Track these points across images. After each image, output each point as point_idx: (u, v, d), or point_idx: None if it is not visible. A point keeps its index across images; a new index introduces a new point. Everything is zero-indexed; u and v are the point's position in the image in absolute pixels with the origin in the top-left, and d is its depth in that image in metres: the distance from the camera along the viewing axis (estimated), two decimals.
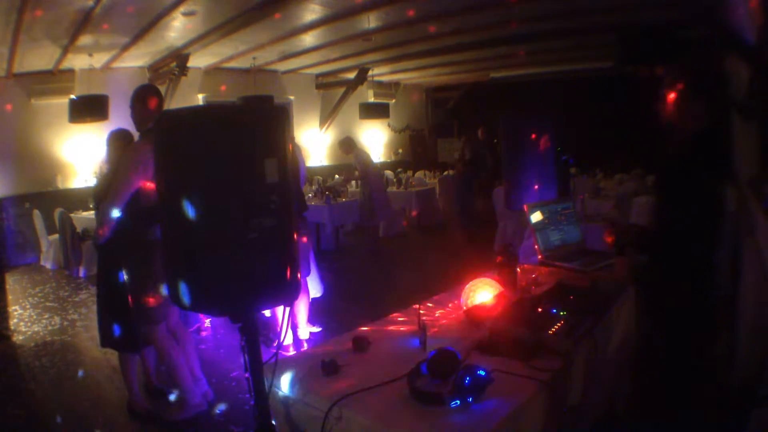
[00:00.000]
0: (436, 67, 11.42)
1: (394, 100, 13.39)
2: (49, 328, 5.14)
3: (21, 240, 8.22)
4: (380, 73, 11.65)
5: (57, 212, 7.49)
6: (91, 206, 7.25)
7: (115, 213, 2.91)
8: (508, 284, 2.33)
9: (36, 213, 7.79)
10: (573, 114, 8.49)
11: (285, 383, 1.69)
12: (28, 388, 3.86)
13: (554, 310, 1.99)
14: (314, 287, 4.68)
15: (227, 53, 8.81)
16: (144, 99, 3.05)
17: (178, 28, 6.86)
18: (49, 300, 6.12)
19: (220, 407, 3.35)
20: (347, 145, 7.60)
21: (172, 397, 3.41)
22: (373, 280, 6.27)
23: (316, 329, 4.58)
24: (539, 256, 2.89)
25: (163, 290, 2.98)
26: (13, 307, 5.78)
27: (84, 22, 6.01)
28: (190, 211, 1.38)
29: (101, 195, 3.19)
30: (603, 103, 9.59)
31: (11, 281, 6.94)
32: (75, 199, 8.20)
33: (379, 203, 7.69)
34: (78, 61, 8.03)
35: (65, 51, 7.21)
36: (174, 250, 1.49)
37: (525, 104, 10.42)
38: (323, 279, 4.95)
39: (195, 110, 1.63)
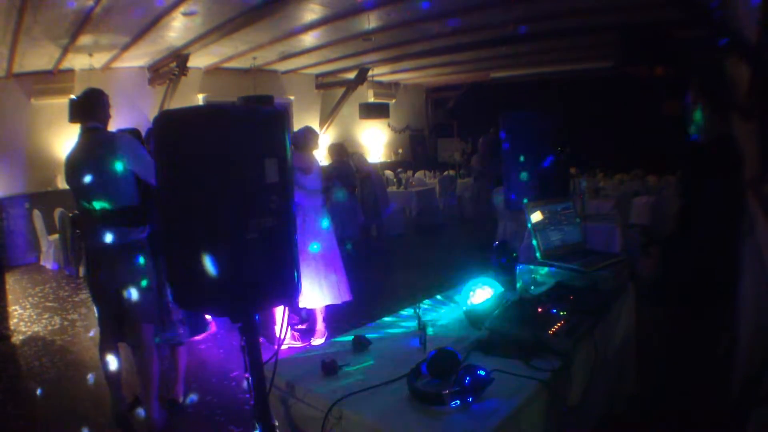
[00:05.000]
0: (436, 67, 11.43)
1: (394, 100, 13.39)
2: (49, 328, 5.14)
3: (21, 240, 8.22)
4: (380, 73, 11.66)
5: (57, 212, 7.49)
6: None
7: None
8: (508, 284, 2.33)
9: (36, 213, 7.78)
10: (573, 114, 8.51)
11: (285, 383, 1.69)
12: (28, 388, 3.85)
13: (554, 310, 1.99)
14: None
15: (227, 53, 8.82)
16: (84, 99, 3.12)
17: (178, 28, 6.86)
18: (49, 300, 6.11)
19: (220, 407, 3.35)
20: (343, 150, 7.55)
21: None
22: (373, 280, 6.27)
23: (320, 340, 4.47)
24: (539, 256, 2.88)
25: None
26: (13, 307, 5.77)
27: (84, 22, 6.01)
28: (190, 212, 1.38)
29: None
30: (603, 103, 9.60)
31: (11, 281, 6.93)
32: None
33: (382, 201, 7.71)
34: (78, 61, 8.04)
35: (65, 51, 7.22)
36: (174, 249, 1.50)
37: (525, 104, 10.43)
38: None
39: (195, 110, 1.63)
